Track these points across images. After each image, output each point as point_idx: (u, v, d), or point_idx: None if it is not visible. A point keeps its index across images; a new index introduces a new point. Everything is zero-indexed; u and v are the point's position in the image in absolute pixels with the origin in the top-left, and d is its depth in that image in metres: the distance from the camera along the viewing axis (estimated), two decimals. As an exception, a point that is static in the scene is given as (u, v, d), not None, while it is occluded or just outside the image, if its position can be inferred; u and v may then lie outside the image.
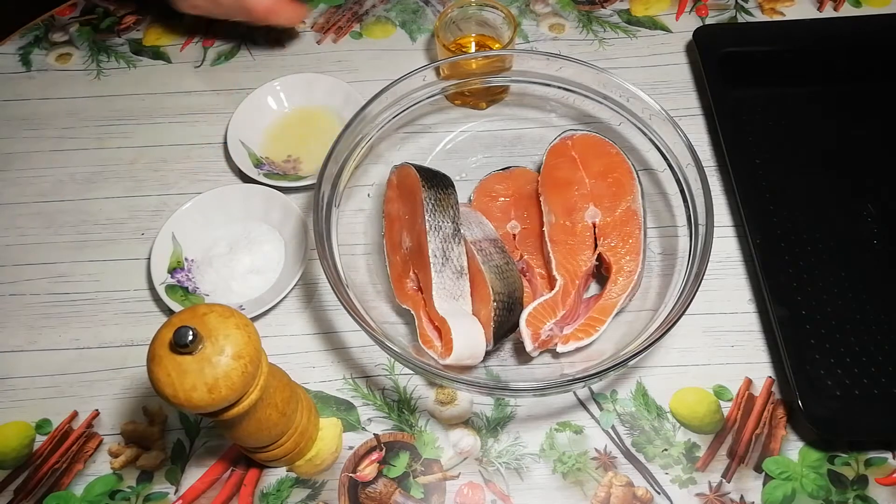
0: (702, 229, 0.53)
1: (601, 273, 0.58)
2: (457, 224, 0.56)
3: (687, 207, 0.56)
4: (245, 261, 0.61)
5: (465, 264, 0.55)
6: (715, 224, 0.58)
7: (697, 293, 0.50)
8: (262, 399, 0.42)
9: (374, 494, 0.53)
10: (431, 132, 0.68)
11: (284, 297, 0.59)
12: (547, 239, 0.58)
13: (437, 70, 0.66)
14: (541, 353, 0.56)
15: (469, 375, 0.54)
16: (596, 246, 0.57)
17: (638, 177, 0.59)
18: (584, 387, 0.57)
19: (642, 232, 0.57)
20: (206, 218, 0.63)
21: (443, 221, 0.55)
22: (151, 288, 0.62)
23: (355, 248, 0.62)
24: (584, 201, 0.59)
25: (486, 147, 0.68)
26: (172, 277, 0.61)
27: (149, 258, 0.62)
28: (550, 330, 0.54)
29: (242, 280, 0.61)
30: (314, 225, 0.53)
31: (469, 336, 0.52)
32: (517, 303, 0.55)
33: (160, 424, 0.56)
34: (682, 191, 0.57)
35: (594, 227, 0.58)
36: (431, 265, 0.54)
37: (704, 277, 0.51)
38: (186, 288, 0.60)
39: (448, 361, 0.52)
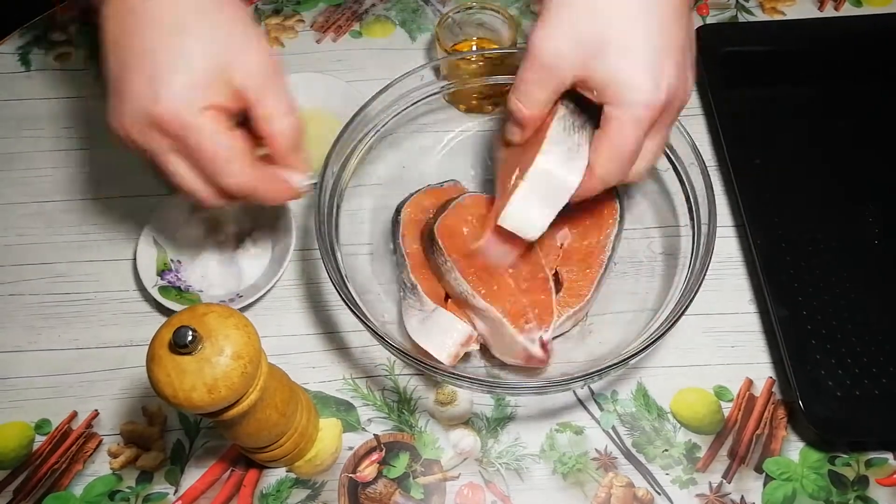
0: (704, 229, 0.53)
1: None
2: None
3: (689, 208, 0.56)
4: (234, 257, 0.61)
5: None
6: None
7: (698, 293, 0.50)
8: (262, 399, 0.42)
9: (373, 495, 0.53)
10: (432, 132, 0.68)
11: (271, 288, 0.59)
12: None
13: (436, 71, 0.66)
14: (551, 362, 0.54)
15: (469, 373, 0.54)
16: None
17: (621, 210, 0.58)
18: (584, 386, 0.56)
19: (602, 269, 0.56)
20: (191, 215, 0.62)
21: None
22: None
23: (357, 248, 0.62)
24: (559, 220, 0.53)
25: (486, 147, 0.68)
26: (163, 279, 0.60)
27: (133, 259, 0.61)
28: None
29: (234, 274, 0.60)
30: (316, 225, 0.53)
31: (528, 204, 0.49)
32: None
33: (160, 425, 0.56)
34: (684, 191, 0.57)
35: (560, 247, 0.57)
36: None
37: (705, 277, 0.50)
38: (179, 287, 0.60)
39: (499, 222, 0.50)
